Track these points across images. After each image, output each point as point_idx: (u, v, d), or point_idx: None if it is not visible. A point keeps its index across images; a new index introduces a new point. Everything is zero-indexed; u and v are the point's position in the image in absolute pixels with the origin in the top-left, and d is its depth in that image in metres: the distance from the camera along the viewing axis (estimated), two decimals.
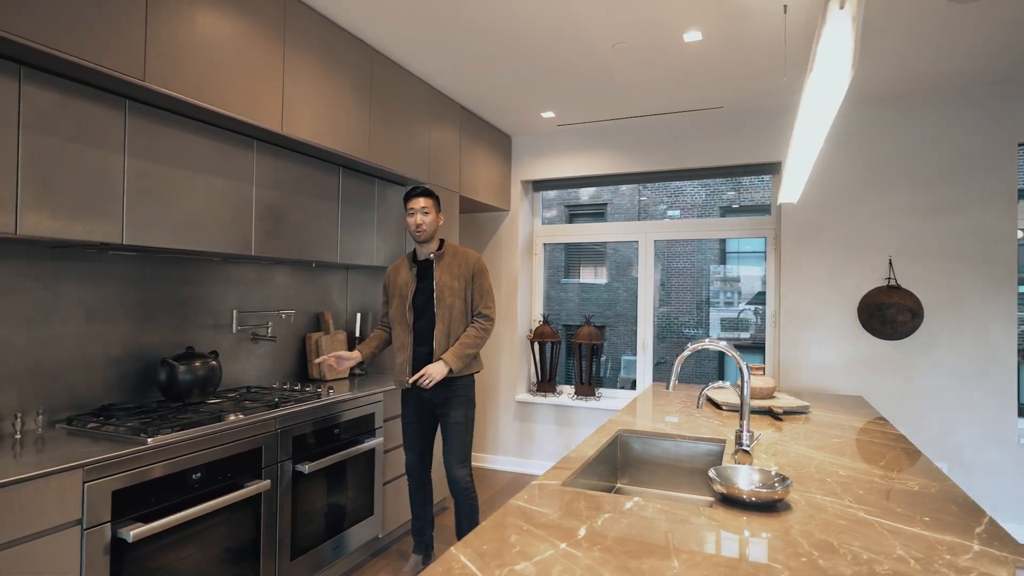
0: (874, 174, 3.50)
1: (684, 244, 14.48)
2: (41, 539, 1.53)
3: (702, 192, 14.86)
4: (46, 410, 2.02)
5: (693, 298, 14.59)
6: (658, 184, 14.40)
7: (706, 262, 14.74)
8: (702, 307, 14.65)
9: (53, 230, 1.71)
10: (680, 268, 14.59)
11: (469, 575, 0.97)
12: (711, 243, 14.57)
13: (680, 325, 13.80)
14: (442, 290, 2.53)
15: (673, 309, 14.35)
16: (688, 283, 14.77)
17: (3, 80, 1.60)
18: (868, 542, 1.11)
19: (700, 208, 14.87)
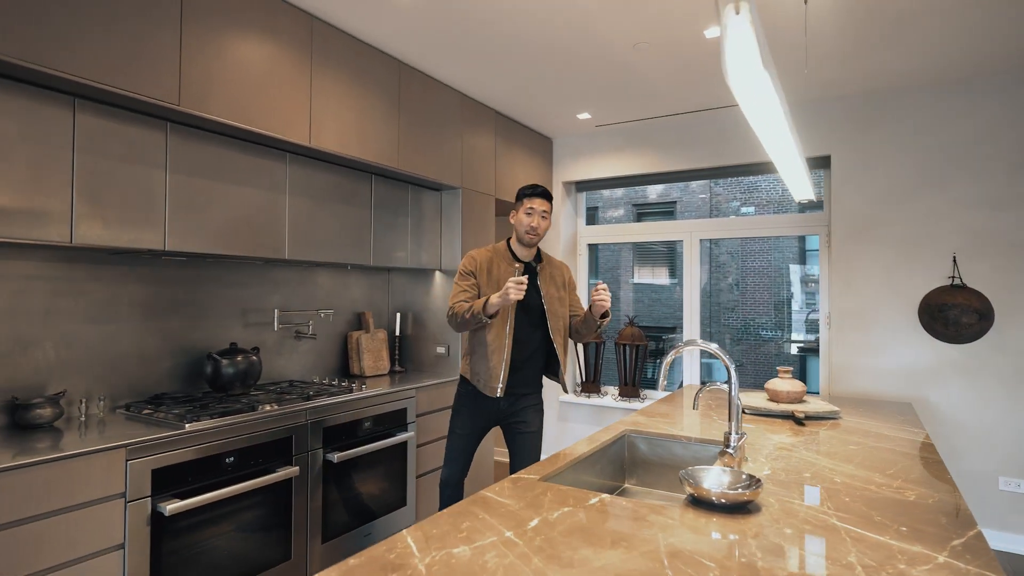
0: (935, 166, 3.25)
1: (760, 242, 13.87)
2: (91, 507, 1.75)
3: (778, 187, 14.17)
4: (108, 397, 2.29)
5: (771, 298, 13.94)
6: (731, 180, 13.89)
7: (784, 261, 14.05)
8: (781, 308, 13.97)
9: (104, 239, 1.95)
10: (756, 267, 13.99)
11: (407, 554, 1.04)
12: (789, 241, 13.87)
13: (757, 327, 13.22)
14: (551, 302, 2.38)
15: (750, 310, 13.77)
16: (765, 283, 14.13)
17: (60, 110, 1.84)
18: (823, 548, 1.08)
19: (776, 204, 14.20)
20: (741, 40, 0.83)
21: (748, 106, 1.13)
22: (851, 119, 3.47)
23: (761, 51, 0.85)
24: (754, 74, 0.90)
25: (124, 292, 2.34)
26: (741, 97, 1.07)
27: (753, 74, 0.90)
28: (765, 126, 1.32)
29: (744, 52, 0.85)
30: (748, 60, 0.86)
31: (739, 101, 1.09)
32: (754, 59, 0.85)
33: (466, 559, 1.02)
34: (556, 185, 4.49)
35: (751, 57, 0.85)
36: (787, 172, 1.91)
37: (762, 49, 0.84)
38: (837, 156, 3.51)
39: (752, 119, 1.24)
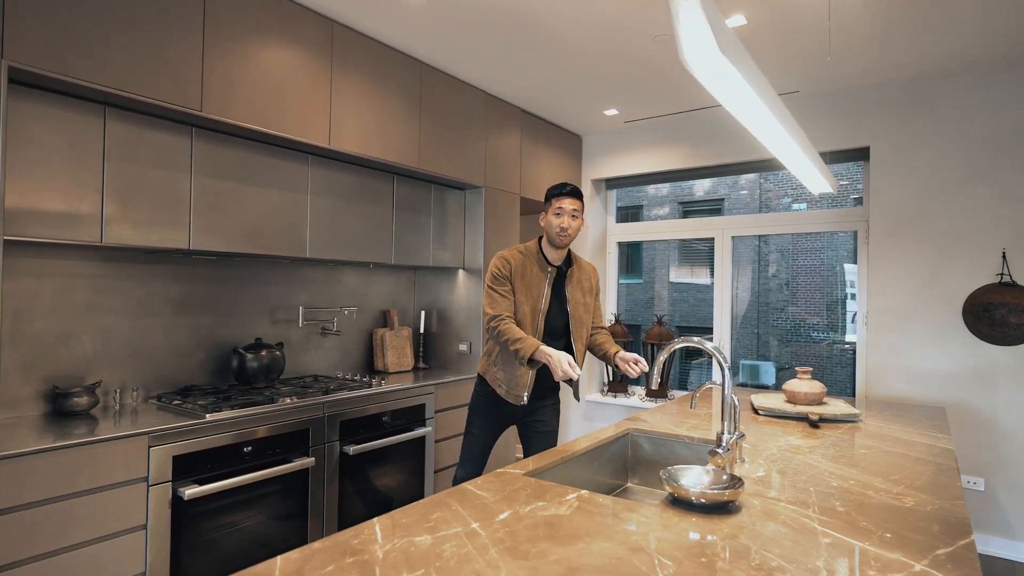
0: (982, 155, 3.05)
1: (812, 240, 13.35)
2: (116, 489, 1.87)
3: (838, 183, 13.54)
4: (141, 387, 2.43)
5: (823, 298, 13.39)
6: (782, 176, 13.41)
7: (838, 259, 13.47)
8: (834, 308, 13.40)
9: (132, 239, 2.08)
10: (808, 266, 13.47)
11: (370, 540, 1.07)
12: (843, 238, 13.29)
13: (809, 328, 12.73)
14: (576, 306, 2.29)
15: (801, 310, 13.26)
16: (817, 282, 13.58)
17: (92, 119, 1.98)
18: (792, 551, 1.05)
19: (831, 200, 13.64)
20: (692, 24, 0.81)
21: (719, 95, 1.10)
22: (891, 107, 3.30)
23: (717, 35, 0.82)
24: (713, 61, 0.88)
25: (158, 289, 2.48)
26: (708, 85, 1.04)
27: (711, 61, 0.88)
28: (747, 116, 1.28)
29: (698, 36, 0.83)
30: (703, 46, 0.84)
31: (709, 89, 1.06)
32: (709, 44, 0.83)
33: (425, 547, 1.04)
34: (585, 183, 4.46)
35: (706, 42, 0.83)
36: (792, 165, 1.84)
37: (718, 33, 0.82)
38: (877, 147, 3.34)
39: (730, 108, 1.21)
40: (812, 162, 1.82)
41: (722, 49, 0.86)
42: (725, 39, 0.88)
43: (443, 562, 0.99)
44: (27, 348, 2.12)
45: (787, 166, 1.93)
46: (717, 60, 0.90)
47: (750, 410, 2.39)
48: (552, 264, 2.26)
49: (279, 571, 0.95)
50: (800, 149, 1.65)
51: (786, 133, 1.42)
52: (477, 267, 3.49)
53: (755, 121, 1.33)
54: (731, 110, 1.28)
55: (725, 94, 1.12)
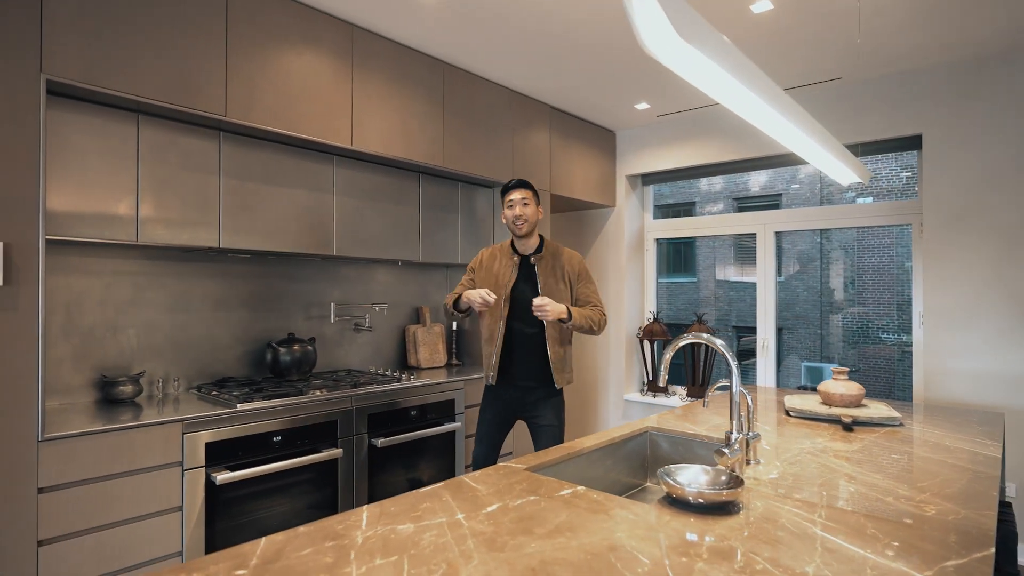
0: None
1: (878, 236, 12.65)
2: (154, 472, 1.99)
3: (903, 176, 12.85)
4: (182, 378, 2.57)
5: (892, 298, 12.68)
6: None
7: (907, 256, 12.71)
8: (904, 308, 12.67)
9: (164, 238, 2.20)
10: (874, 264, 12.78)
11: (354, 527, 1.09)
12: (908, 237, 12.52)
13: (876, 329, 12.08)
14: (548, 294, 2.37)
15: (868, 310, 12.61)
16: (886, 280, 12.88)
17: (126, 126, 2.11)
18: (784, 556, 1.00)
19: (900, 192, 12.91)
20: (646, 10, 0.77)
21: (699, 85, 1.04)
22: (945, 92, 3.08)
23: (673, 19, 0.78)
24: (673, 47, 0.84)
25: (197, 286, 2.61)
26: (682, 75, 0.99)
27: (672, 47, 0.84)
28: (736, 106, 1.21)
29: (653, 22, 0.79)
30: (661, 31, 0.80)
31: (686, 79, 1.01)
32: (666, 29, 0.79)
33: (405, 536, 1.05)
34: (620, 179, 4.39)
35: (662, 27, 0.79)
36: (808, 156, 1.73)
37: (676, 16, 0.78)
38: (929, 135, 3.13)
39: (712, 95, 1.15)
40: (830, 152, 1.71)
41: (682, 35, 0.82)
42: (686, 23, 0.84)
43: (418, 550, 1.00)
44: (79, 340, 2.28)
45: (800, 156, 1.83)
46: (678, 47, 0.86)
47: (780, 411, 2.29)
48: (521, 254, 2.45)
49: (261, 550, 0.98)
50: (812, 139, 1.57)
51: (788, 122, 1.34)
52: None
53: (745, 109, 1.27)
54: (718, 100, 1.23)
55: (703, 83, 1.07)
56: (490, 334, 2.46)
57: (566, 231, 4.72)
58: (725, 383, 1.65)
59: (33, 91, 1.75)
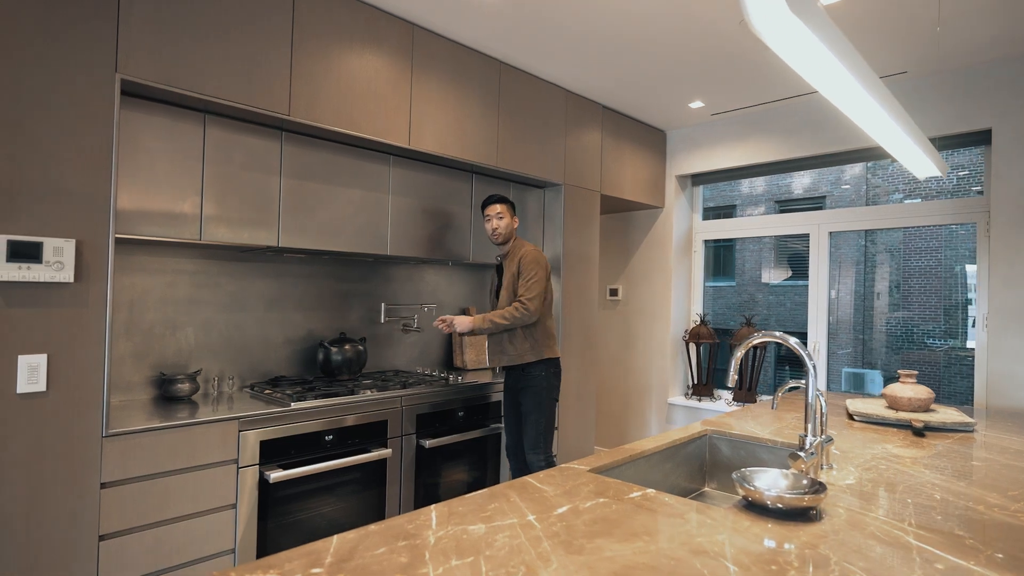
0: None
1: (927, 238, 12.19)
2: (210, 469, 2.02)
3: (951, 176, 12.36)
4: (236, 376, 2.62)
5: (940, 302, 12.18)
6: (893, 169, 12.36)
7: (958, 259, 12.22)
8: (952, 312, 12.16)
9: (226, 237, 2.24)
10: (921, 267, 12.32)
11: (425, 526, 1.08)
12: (963, 236, 12.03)
13: (922, 334, 11.61)
14: (506, 285, 2.77)
15: (914, 315, 12.14)
16: (933, 284, 12.39)
17: (192, 126, 2.16)
18: (879, 565, 0.94)
19: (949, 193, 12.43)
20: None
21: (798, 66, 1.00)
22: (1016, 84, 2.93)
23: None
24: (782, 20, 0.79)
25: (251, 285, 2.66)
26: (782, 53, 0.95)
27: (781, 20, 0.80)
28: (832, 90, 1.15)
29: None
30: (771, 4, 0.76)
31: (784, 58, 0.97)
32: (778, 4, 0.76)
33: (477, 536, 1.03)
34: (670, 179, 4.32)
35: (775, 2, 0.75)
36: (890, 145, 1.65)
37: None
38: (999, 129, 2.98)
39: (814, 83, 1.10)
40: (915, 141, 1.63)
41: (792, 8, 0.78)
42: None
43: (493, 551, 0.97)
44: (139, 338, 2.34)
45: (884, 147, 1.75)
46: (788, 22, 0.82)
47: (844, 416, 2.20)
48: (500, 260, 2.88)
49: (334, 548, 0.98)
50: (900, 127, 1.49)
51: (879, 106, 1.28)
52: (557, 265, 3.46)
53: (843, 95, 1.21)
54: (816, 85, 1.17)
55: (804, 66, 1.02)
56: None
57: (614, 232, 4.67)
58: (795, 384, 1.59)
59: (108, 91, 1.80)
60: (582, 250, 3.60)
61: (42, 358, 1.66)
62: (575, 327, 3.55)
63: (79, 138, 1.75)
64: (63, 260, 1.68)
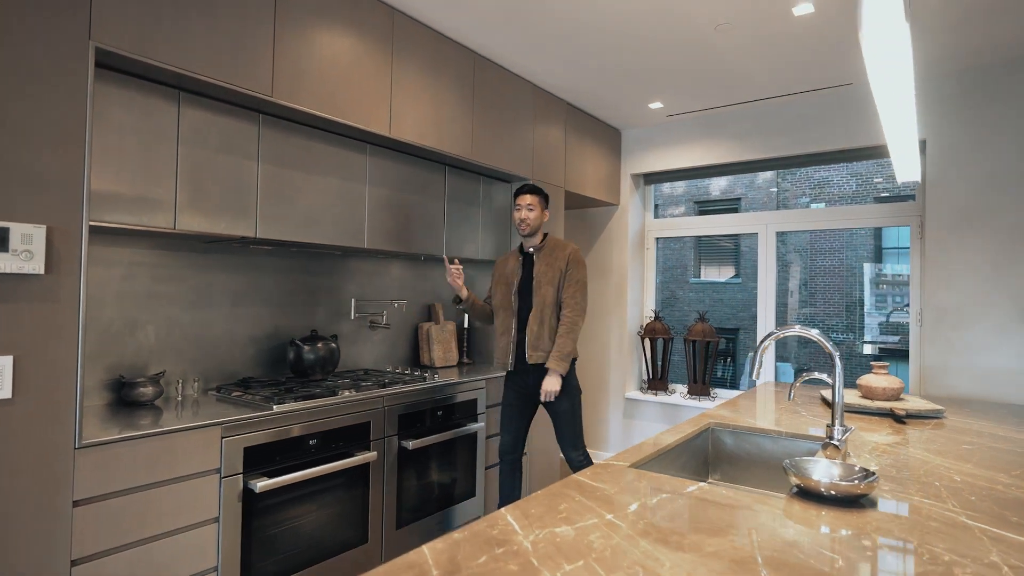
0: None
1: (831, 240, 13.22)
2: (191, 480, 1.84)
3: (852, 182, 13.48)
4: (201, 378, 2.40)
5: (842, 299, 13.27)
6: (800, 175, 13.31)
7: (857, 259, 13.34)
8: (853, 309, 13.28)
9: (202, 226, 2.05)
10: (826, 266, 13.36)
11: (509, 531, 1.02)
12: (863, 239, 13.16)
13: (827, 329, 12.60)
14: (539, 280, 2.67)
15: (819, 311, 13.15)
16: (836, 283, 13.47)
17: (166, 103, 1.94)
18: (956, 545, 1.00)
19: (849, 199, 13.53)
20: None
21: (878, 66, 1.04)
22: (951, 99, 3.23)
23: None
24: (895, 28, 0.83)
25: (216, 280, 2.45)
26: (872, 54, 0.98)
27: (893, 28, 0.83)
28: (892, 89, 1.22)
29: None
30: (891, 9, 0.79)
31: (868, 60, 1.01)
32: (897, 9, 0.78)
33: (570, 539, 0.99)
34: (625, 177, 4.41)
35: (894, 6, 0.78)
36: (903, 147, 1.76)
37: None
38: (934, 140, 3.28)
39: (878, 83, 1.15)
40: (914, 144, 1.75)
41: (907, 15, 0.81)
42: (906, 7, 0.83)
43: (597, 554, 0.94)
44: (94, 337, 2.09)
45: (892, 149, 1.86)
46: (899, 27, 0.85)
47: (819, 405, 2.33)
48: (525, 252, 2.78)
49: (433, 560, 0.91)
50: (915, 131, 1.60)
51: (912, 109, 1.37)
52: None
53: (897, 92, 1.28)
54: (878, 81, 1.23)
55: (883, 64, 1.06)
56: (504, 328, 2.75)
57: (571, 229, 4.71)
58: (815, 376, 1.66)
59: (82, 60, 1.59)
60: None
61: (7, 360, 1.44)
62: None
63: (49, 112, 1.53)
64: (32, 249, 1.46)
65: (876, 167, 12.52)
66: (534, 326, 2.64)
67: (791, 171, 13.58)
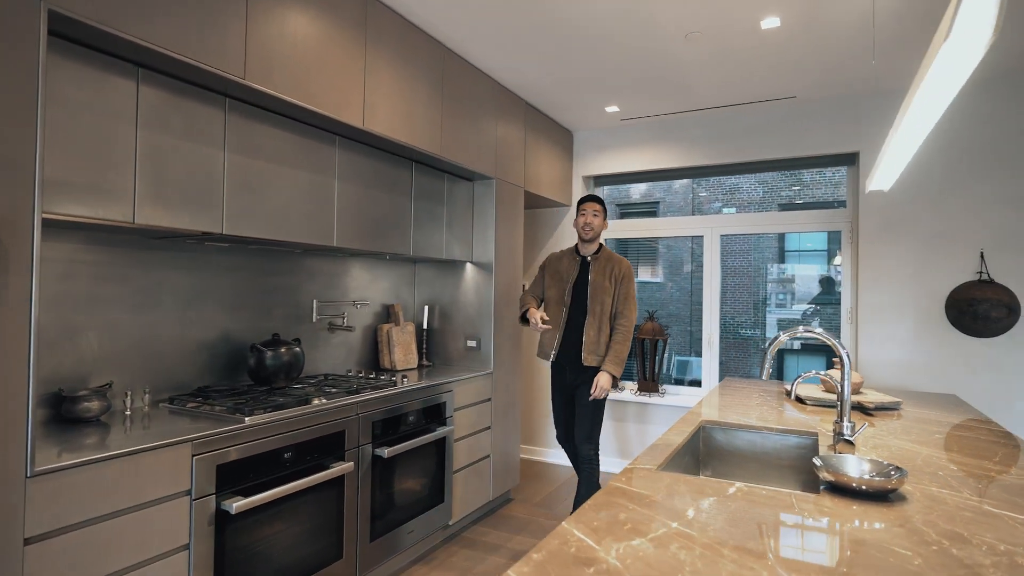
0: (964, 163, 3.32)
1: (741, 242, 14.07)
2: (160, 505, 1.63)
3: (759, 189, 14.41)
4: (150, 390, 2.15)
5: (751, 298, 14.16)
6: (713, 181, 14.08)
7: (763, 261, 14.29)
8: (759, 307, 14.20)
9: (164, 220, 1.82)
10: (736, 267, 14.20)
11: (586, 548, 0.97)
12: (769, 241, 14.10)
13: (737, 326, 13.42)
14: (595, 288, 2.90)
15: (730, 309, 13.97)
16: (745, 283, 14.35)
17: (124, 80, 1.71)
18: (1001, 534, 1.06)
19: (757, 205, 14.45)
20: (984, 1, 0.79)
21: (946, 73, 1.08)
22: (879, 116, 3.52)
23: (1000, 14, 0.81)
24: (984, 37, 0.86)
25: (166, 279, 2.20)
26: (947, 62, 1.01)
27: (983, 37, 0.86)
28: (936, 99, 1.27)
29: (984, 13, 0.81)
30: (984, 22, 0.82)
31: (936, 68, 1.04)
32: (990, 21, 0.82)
33: (650, 552, 0.96)
34: (576, 179, 4.45)
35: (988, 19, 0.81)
36: (898, 156, 1.86)
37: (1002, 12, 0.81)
38: (866, 153, 3.55)
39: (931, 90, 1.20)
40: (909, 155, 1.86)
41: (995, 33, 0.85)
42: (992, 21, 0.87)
43: (690, 567, 0.91)
44: None
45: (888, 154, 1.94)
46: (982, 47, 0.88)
47: (783, 399, 2.45)
48: (581, 255, 2.99)
49: None
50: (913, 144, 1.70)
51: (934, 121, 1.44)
52: (487, 261, 3.37)
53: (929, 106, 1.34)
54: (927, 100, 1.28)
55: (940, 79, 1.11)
56: (554, 321, 2.98)
57: (537, 228, 4.68)
58: (814, 374, 1.72)
59: (32, 23, 1.35)
60: (510, 246, 3.56)
61: None
62: (506, 327, 3.51)
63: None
64: None
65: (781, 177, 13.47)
66: (591, 332, 2.87)
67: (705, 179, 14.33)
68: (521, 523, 3.25)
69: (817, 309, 12.99)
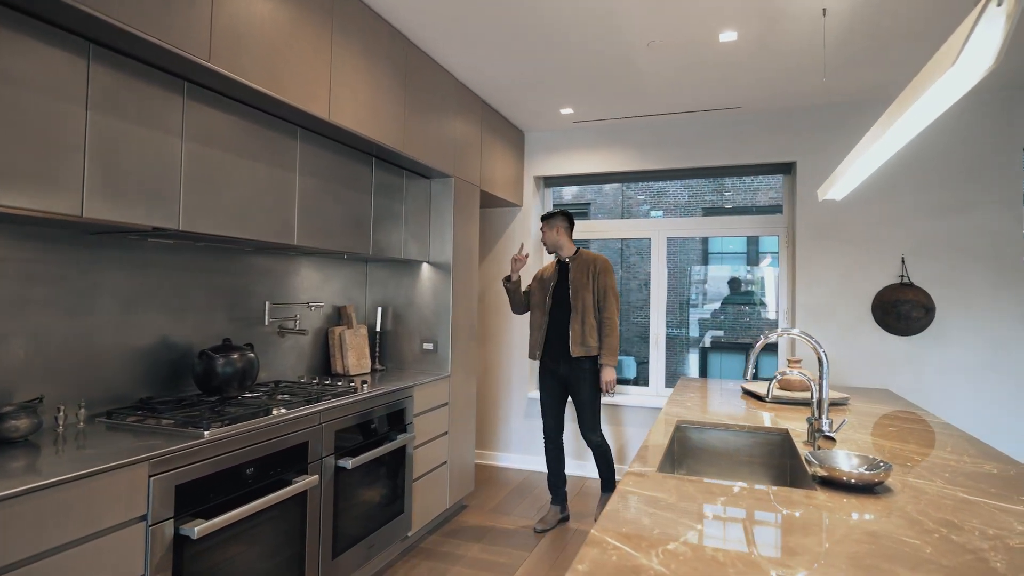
0: (888, 176, 3.60)
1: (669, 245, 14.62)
2: (113, 534, 1.46)
3: (684, 193, 15.05)
4: (84, 403, 1.93)
5: (676, 299, 14.76)
6: (641, 185, 14.57)
7: (688, 263, 14.93)
8: (684, 307, 14.83)
9: (116, 214, 1.64)
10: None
11: (627, 556, 0.96)
12: (694, 244, 14.74)
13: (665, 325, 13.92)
14: (576, 285, 3.16)
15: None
16: (671, 283, 14.93)
17: (74, 56, 1.52)
18: (984, 519, 1.14)
19: (683, 209, 15.08)
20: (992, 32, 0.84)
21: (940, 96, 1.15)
22: (817, 128, 3.75)
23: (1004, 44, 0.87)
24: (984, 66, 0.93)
25: (103, 280, 1.99)
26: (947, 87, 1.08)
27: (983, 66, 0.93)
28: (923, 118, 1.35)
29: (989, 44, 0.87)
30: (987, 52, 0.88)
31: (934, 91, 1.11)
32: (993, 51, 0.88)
33: (692, 557, 0.96)
34: (527, 179, 4.45)
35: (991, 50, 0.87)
36: (860, 169, 1.97)
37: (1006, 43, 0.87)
38: (802, 163, 3.78)
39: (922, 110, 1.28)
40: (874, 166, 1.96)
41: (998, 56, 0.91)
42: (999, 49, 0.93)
43: (730, 566, 0.91)
44: None
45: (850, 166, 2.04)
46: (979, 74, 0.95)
47: (738, 397, 2.56)
48: (560, 260, 3.30)
49: None
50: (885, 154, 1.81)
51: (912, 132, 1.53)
52: (445, 261, 3.30)
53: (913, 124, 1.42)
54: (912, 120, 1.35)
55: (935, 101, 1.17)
56: (538, 324, 3.26)
57: (492, 228, 4.61)
58: (783, 372, 1.78)
59: None
60: (467, 246, 3.51)
61: None
62: (463, 328, 3.45)
63: None
64: None
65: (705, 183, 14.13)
66: (576, 326, 3.11)
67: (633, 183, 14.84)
68: (480, 531, 3.20)
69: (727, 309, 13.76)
